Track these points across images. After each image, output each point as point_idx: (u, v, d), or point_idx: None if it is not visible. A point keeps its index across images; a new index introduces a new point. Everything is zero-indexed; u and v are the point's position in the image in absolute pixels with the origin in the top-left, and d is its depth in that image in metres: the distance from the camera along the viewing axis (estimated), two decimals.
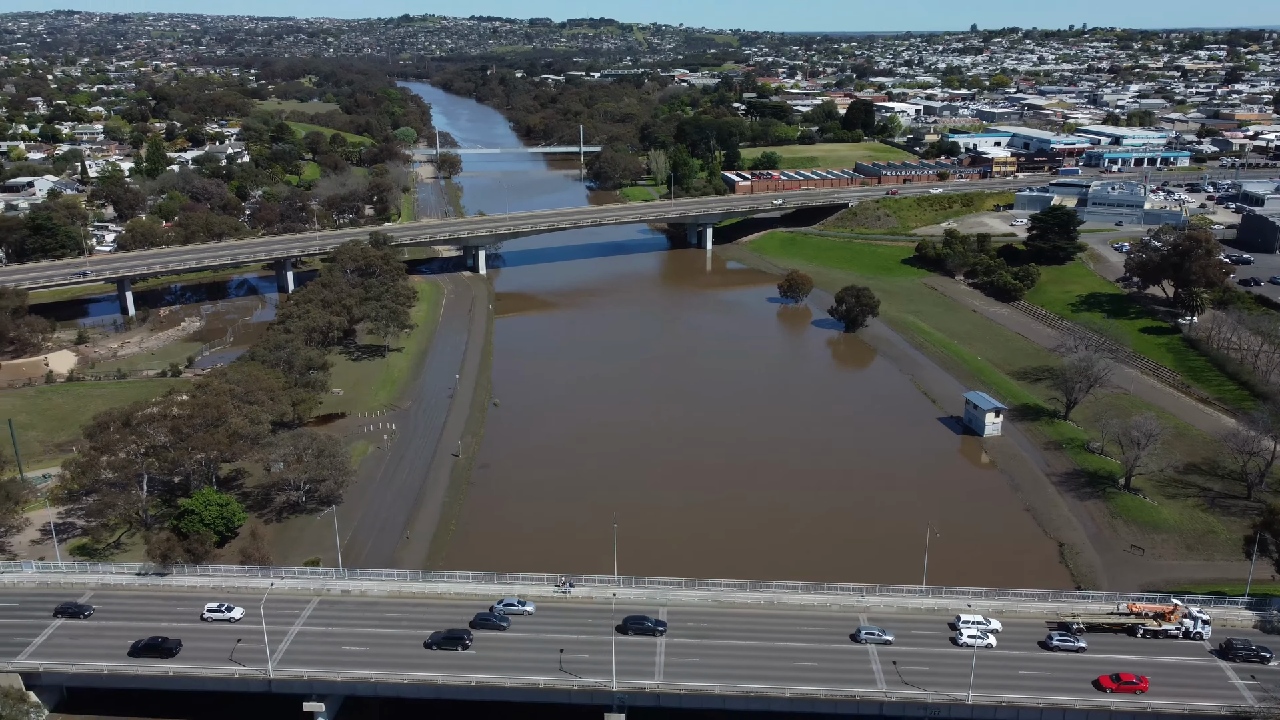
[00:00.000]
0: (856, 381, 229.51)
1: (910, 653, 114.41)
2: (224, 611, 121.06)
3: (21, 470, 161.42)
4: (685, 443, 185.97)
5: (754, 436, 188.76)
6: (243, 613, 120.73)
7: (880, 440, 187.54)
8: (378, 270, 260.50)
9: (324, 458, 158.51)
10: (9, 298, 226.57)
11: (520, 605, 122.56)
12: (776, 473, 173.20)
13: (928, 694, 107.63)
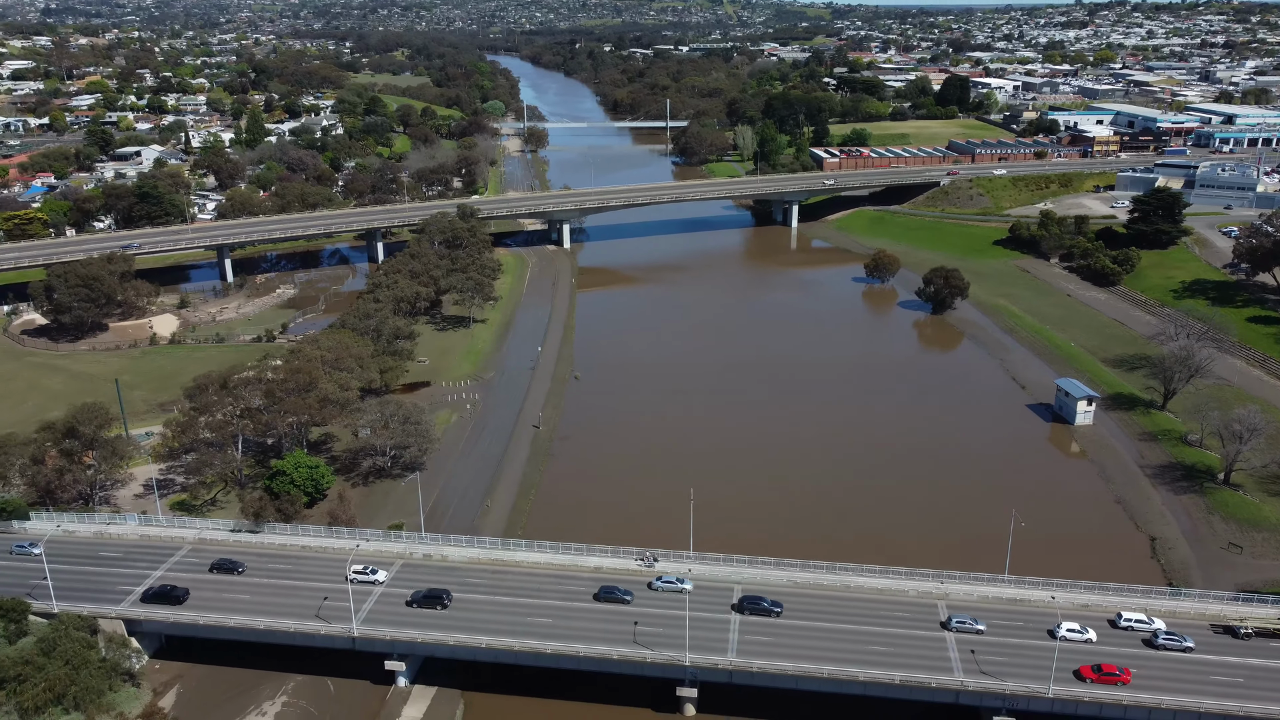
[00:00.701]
0: (942, 364, 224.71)
1: (992, 642, 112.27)
2: (370, 574, 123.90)
3: (127, 427, 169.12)
4: (763, 421, 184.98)
5: (834, 417, 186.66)
6: (387, 575, 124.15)
7: (965, 425, 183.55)
8: (464, 242, 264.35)
9: (409, 425, 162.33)
10: (117, 262, 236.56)
11: (678, 580, 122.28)
12: (856, 454, 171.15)
13: (1006, 685, 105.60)
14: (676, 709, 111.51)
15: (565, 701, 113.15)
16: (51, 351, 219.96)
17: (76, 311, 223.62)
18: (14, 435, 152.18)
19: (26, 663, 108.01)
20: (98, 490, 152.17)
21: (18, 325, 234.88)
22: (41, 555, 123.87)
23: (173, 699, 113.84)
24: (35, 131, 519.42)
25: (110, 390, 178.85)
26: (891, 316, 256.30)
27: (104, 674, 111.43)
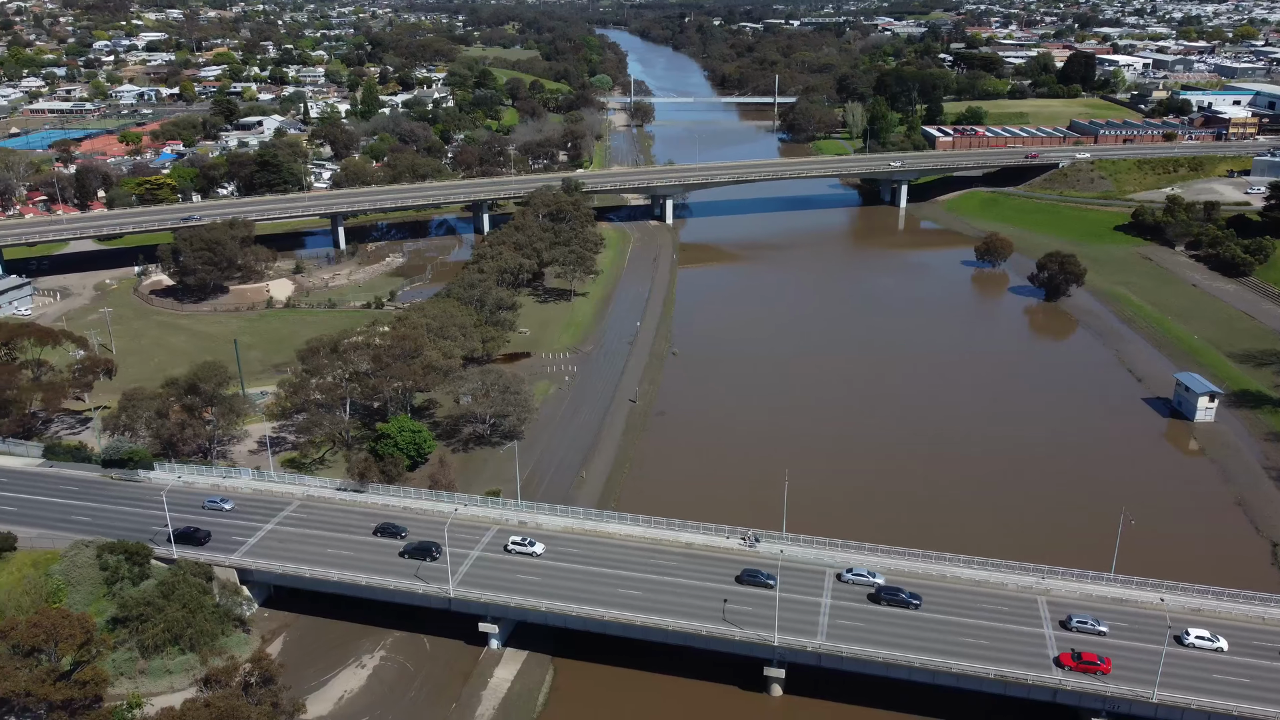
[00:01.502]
0: (1053, 353, 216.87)
1: (1102, 643, 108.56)
2: (527, 545, 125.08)
3: (243, 386, 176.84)
4: (862, 404, 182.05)
5: (935, 403, 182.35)
6: (544, 548, 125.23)
7: (1075, 417, 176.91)
8: (568, 216, 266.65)
9: (509, 394, 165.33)
10: (239, 228, 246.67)
11: (869, 574, 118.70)
12: (956, 441, 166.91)
13: (1107, 686, 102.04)
14: (763, 689, 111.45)
15: (653, 674, 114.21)
16: (176, 311, 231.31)
17: (200, 274, 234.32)
18: (141, 389, 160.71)
19: (148, 604, 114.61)
20: (215, 445, 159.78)
21: (147, 286, 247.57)
22: (225, 509, 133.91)
23: (279, 646, 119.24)
24: (166, 101, 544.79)
25: (229, 350, 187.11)
26: (1001, 302, 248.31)
27: (217, 619, 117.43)
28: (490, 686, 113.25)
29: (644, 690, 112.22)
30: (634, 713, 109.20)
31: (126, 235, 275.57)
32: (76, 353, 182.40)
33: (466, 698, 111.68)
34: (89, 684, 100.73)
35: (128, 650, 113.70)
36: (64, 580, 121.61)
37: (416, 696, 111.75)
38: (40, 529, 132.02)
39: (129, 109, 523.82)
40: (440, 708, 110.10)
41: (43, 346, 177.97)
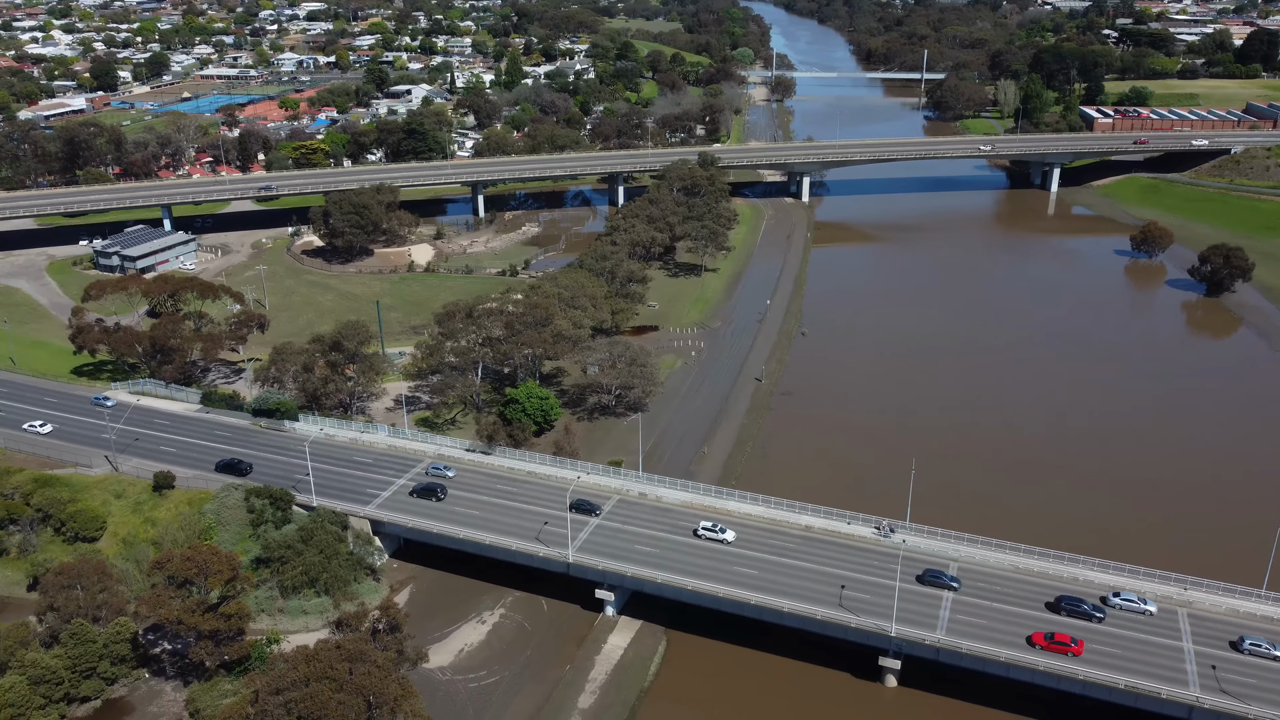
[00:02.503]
0: (1211, 353, 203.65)
1: (1241, 661, 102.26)
2: (718, 532, 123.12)
3: (383, 346, 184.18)
4: (995, 395, 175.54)
5: (1073, 399, 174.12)
6: (735, 535, 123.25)
7: (1230, 422, 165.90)
8: (702, 190, 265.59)
9: (635, 366, 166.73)
10: (385, 193, 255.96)
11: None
12: (1093, 440, 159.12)
13: (1250, 708, 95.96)
14: (877, 678, 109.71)
15: (765, 654, 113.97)
16: (325, 271, 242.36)
17: (348, 236, 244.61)
18: (290, 344, 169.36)
19: (288, 547, 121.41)
20: (355, 400, 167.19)
21: (299, 246, 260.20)
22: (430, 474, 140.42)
23: (406, 596, 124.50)
24: (323, 69, 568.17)
25: (371, 311, 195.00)
26: (1156, 296, 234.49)
27: (351, 566, 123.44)
28: (604, 652, 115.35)
29: (756, 669, 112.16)
30: (744, 690, 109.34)
31: (282, 197, 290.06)
32: (233, 307, 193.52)
33: (581, 661, 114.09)
34: (233, 617, 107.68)
35: (268, 589, 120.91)
36: (215, 519, 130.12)
37: (533, 655, 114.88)
38: (196, 470, 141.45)
39: (289, 76, 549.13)
40: (555, 668, 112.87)
41: (204, 300, 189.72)
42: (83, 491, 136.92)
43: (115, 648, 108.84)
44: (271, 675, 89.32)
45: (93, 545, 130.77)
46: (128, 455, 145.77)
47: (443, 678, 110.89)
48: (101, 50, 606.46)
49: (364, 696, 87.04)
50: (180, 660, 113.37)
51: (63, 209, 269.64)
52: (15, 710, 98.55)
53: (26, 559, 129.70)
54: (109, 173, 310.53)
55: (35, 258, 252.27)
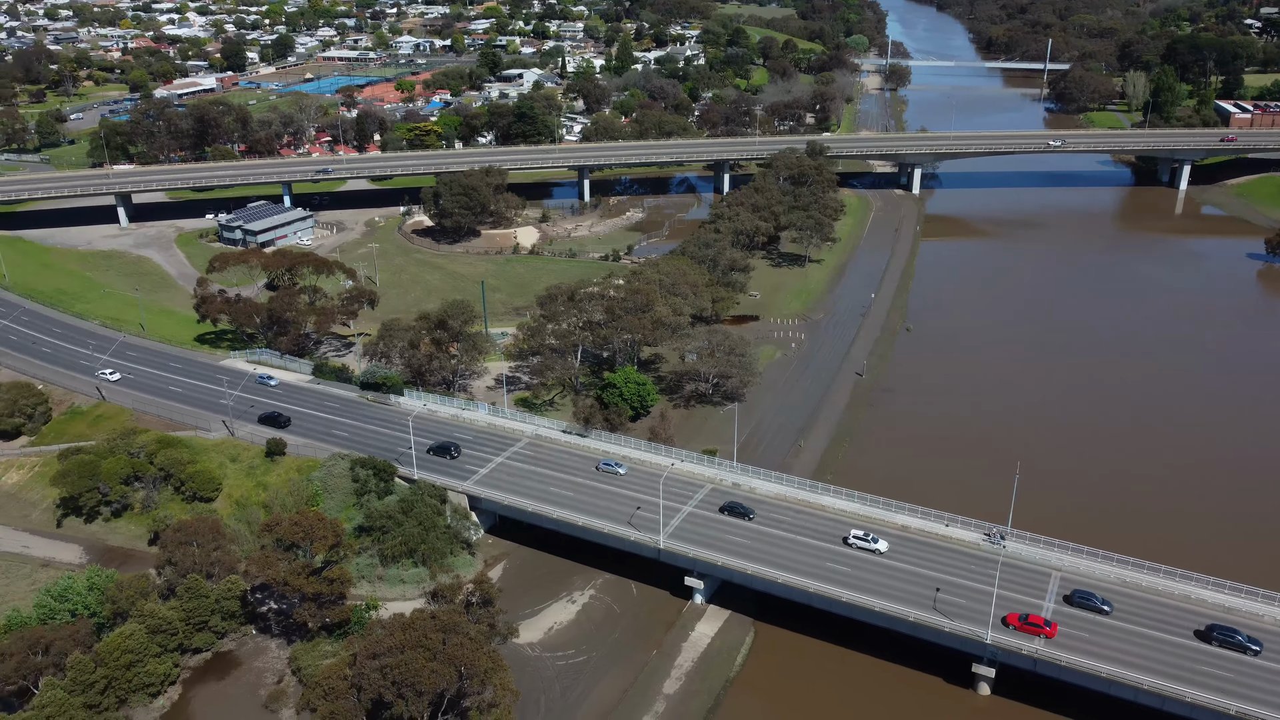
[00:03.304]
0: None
1: None
2: (869, 541, 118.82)
3: (487, 326, 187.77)
4: (1105, 403, 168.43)
5: (1189, 412, 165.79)
6: (887, 545, 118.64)
7: None
8: (809, 180, 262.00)
9: (734, 356, 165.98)
10: (494, 176, 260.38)
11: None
12: (1208, 454, 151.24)
13: None
14: (970, 685, 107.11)
15: (855, 652, 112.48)
16: (433, 251, 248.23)
17: (456, 217, 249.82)
18: (398, 321, 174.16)
19: (389, 517, 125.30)
20: (457, 378, 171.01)
21: (409, 225, 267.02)
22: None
23: (499, 572, 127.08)
24: (439, 52, 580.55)
25: (476, 291, 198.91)
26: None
27: (448, 539, 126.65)
28: (691, 639, 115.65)
29: (844, 666, 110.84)
30: (831, 687, 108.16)
31: (395, 177, 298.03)
32: (346, 282, 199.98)
33: (668, 646, 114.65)
34: (335, 582, 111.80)
35: (369, 557, 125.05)
36: (321, 487, 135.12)
37: (620, 638, 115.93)
38: (306, 438, 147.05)
39: (406, 59, 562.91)
40: (642, 652, 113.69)
41: (319, 275, 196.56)
42: (201, 454, 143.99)
43: (226, 604, 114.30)
44: (369, 640, 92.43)
45: (208, 505, 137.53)
46: (243, 421, 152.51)
47: (531, 654, 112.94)
48: (232, 32, 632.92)
49: (455, 667, 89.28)
50: (285, 619, 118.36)
51: (192, 184, 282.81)
52: (134, 656, 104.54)
53: (148, 515, 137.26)
54: (235, 150, 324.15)
55: (165, 229, 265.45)
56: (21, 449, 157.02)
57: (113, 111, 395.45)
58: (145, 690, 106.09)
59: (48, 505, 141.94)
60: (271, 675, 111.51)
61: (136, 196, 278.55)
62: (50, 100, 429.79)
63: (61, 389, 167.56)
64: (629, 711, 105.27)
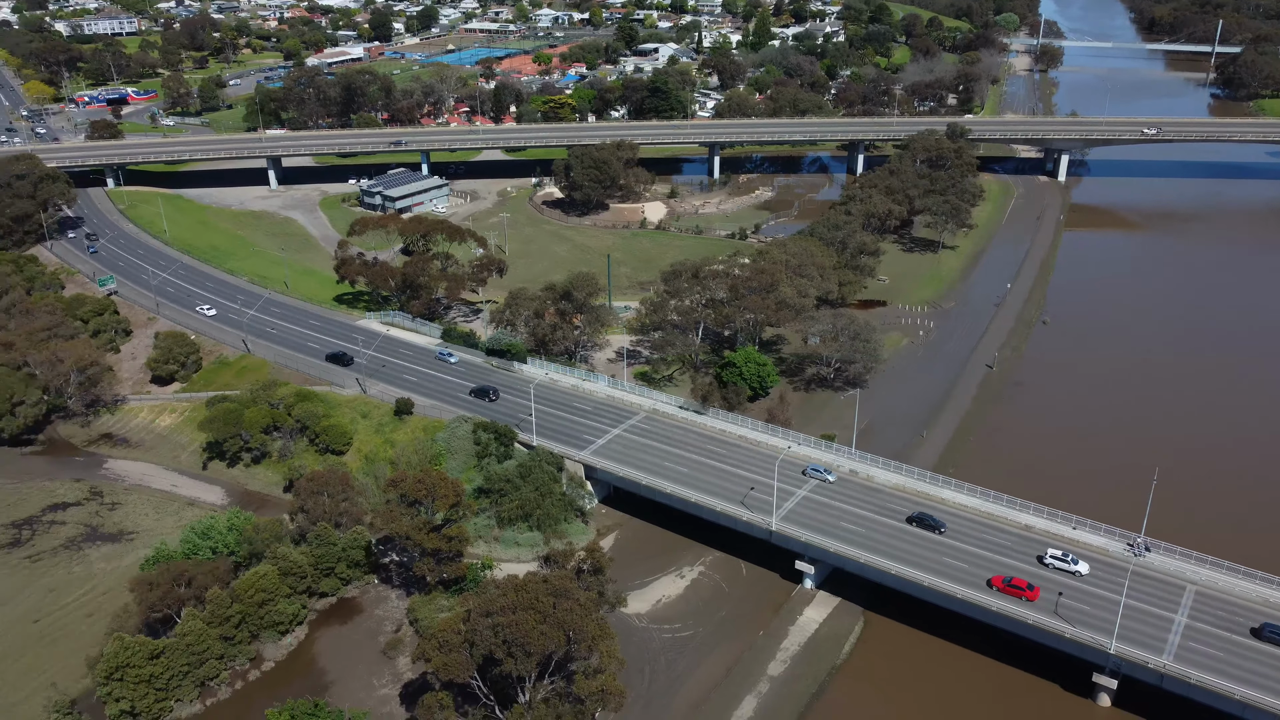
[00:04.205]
0: None
1: None
2: (1069, 562, 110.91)
3: (611, 299, 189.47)
4: (1255, 411, 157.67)
5: None
6: (1088, 568, 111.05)
7: None
8: (948, 163, 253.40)
9: (858, 341, 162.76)
10: (625, 150, 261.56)
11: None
12: None
13: None
14: (1088, 694, 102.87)
15: (968, 651, 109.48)
16: (562, 223, 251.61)
17: (586, 190, 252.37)
18: (525, 290, 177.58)
19: (508, 481, 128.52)
20: (580, 349, 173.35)
21: (540, 197, 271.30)
22: None
23: (611, 541, 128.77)
24: (576, 25, 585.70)
25: (602, 264, 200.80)
26: None
27: (563, 506, 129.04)
28: (799, 623, 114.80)
29: (955, 664, 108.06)
30: (940, 683, 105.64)
31: (529, 149, 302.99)
32: (477, 250, 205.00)
33: (774, 628, 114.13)
34: (454, 540, 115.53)
35: (487, 518, 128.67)
36: (445, 447, 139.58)
37: (727, 617, 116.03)
38: (432, 400, 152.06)
39: (544, 32, 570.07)
40: (748, 632, 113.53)
41: (451, 242, 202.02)
42: (335, 409, 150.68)
43: (352, 553, 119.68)
44: (483, 598, 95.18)
45: (339, 458, 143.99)
46: (375, 380, 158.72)
47: (639, 624, 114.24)
48: (380, 3, 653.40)
49: (564, 631, 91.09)
50: (405, 572, 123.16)
51: (337, 149, 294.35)
52: (266, 595, 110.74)
53: (284, 463, 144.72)
54: (378, 118, 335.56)
55: (311, 193, 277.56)
56: (174, 394, 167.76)
57: (267, 78, 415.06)
58: (275, 628, 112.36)
59: (195, 448, 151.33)
60: (390, 624, 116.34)
61: (286, 160, 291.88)
62: (212, 66, 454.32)
63: (211, 340, 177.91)
64: (733, 689, 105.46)
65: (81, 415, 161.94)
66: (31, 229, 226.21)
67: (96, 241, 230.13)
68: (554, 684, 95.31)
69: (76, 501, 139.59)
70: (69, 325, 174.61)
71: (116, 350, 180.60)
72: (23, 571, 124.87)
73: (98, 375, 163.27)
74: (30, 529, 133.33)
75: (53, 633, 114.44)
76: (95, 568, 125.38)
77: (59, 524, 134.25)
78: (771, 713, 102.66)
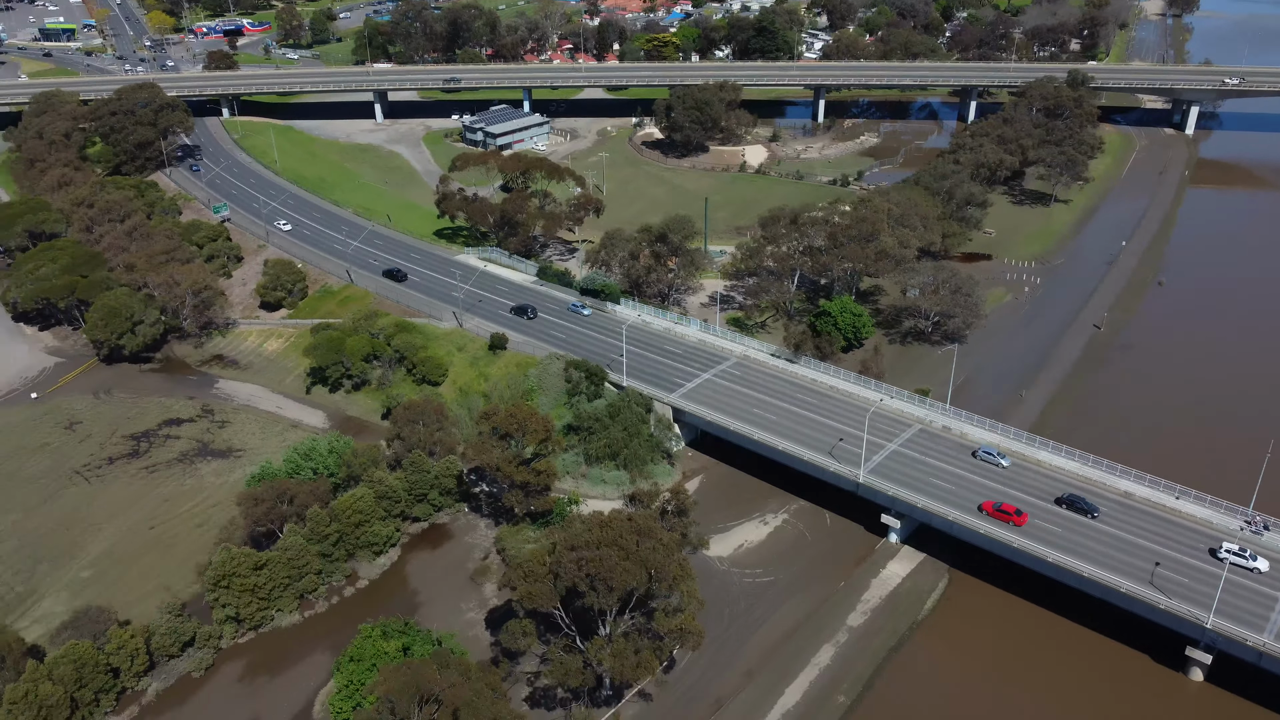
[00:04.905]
0: None
1: None
2: (1245, 557, 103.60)
3: (706, 243, 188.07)
4: None
5: None
6: (1268, 566, 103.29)
7: None
8: (1066, 112, 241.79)
9: (959, 295, 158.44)
10: (727, 91, 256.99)
11: None
12: None
13: None
14: (1180, 668, 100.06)
15: (1053, 614, 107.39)
16: (661, 165, 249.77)
17: (686, 131, 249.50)
18: (620, 231, 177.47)
19: (597, 419, 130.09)
20: (673, 292, 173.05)
21: (639, 137, 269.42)
22: None
23: (696, 484, 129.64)
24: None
25: (699, 207, 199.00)
26: None
27: (650, 447, 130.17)
28: (881, 577, 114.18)
29: (1041, 628, 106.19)
30: (1024, 646, 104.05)
31: (630, 88, 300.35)
32: (575, 189, 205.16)
33: (856, 580, 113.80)
34: (542, 474, 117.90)
35: (575, 455, 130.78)
36: (536, 384, 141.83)
37: (808, 565, 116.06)
38: (526, 336, 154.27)
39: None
40: (829, 582, 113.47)
41: (550, 180, 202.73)
42: (432, 341, 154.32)
43: (444, 481, 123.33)
44: (569, 532, 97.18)
45: (435, 389, 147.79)
46: (472, 315, 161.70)
47: (720, 567, 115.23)
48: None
49: (647, 569, 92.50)
50: (494, 502, 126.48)
51: (441, 85, 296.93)
52: (362, 517, 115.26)
53: (383, 391, 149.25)
54: (482, 54, 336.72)
55: (415, 127, 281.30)
56: (281, 320, 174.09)
57: (376, 12, 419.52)
58: (370, 548, 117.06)
59: (299, 373, 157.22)
60: (479, 551, 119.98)
61: (392, 94, 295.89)
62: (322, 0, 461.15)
63: (316, 269, 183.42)
64: (810, 636, 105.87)
65: (195, 336, 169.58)
66: (152, 155, 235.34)
67: (200, 163, 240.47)
68: (634, 619, 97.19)
69: (189, 418, 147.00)
70: (185, 249, 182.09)
71: (228, 275, 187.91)
72: (140, 481, 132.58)
73: (211, 299, 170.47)
74: (148, 441, 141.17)
75: (166, 539, 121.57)
76: (205, 481, 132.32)
77: (173, 438, 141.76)
78: (848, 662, 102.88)
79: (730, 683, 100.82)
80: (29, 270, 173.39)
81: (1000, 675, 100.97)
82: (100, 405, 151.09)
